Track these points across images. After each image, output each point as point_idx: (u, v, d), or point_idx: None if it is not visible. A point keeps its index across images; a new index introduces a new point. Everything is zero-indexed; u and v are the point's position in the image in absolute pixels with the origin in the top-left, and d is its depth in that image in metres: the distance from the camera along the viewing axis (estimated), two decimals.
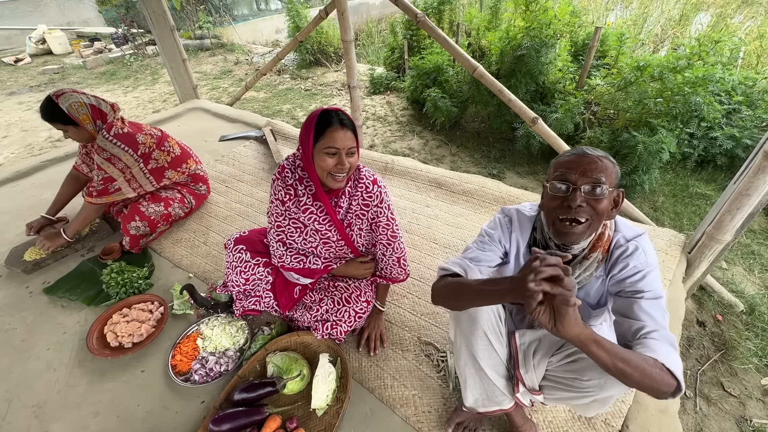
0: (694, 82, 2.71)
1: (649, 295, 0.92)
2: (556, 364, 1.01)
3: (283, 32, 8.47)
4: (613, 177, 0.93)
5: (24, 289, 1.89)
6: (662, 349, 0.83)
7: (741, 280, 2.33)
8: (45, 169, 2.92)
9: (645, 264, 0.95)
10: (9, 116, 5.20)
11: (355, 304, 1.50)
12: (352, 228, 1.42)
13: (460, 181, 2.49)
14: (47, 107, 1.77)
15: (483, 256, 1.11)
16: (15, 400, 1.43)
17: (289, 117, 4.82)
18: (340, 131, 1.18)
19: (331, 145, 1.18)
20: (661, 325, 0.89)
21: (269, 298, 1.57)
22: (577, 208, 0.91)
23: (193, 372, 1.44)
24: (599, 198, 0.90)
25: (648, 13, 6.16)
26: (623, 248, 0.98)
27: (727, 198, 1.66)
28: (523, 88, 3.46)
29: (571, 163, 0.94)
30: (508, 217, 1.14)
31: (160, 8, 3.49)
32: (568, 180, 0.93)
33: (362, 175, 1.38)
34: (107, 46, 7.88)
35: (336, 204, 1.37)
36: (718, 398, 1.75)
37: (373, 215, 1.39)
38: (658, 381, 0.80)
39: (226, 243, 1.60)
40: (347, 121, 1.21)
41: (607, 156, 0.95)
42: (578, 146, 0.99)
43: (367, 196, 1.37)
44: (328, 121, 1.19)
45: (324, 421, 1.29)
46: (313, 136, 1.20)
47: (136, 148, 1.93)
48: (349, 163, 1.23)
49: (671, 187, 3.14)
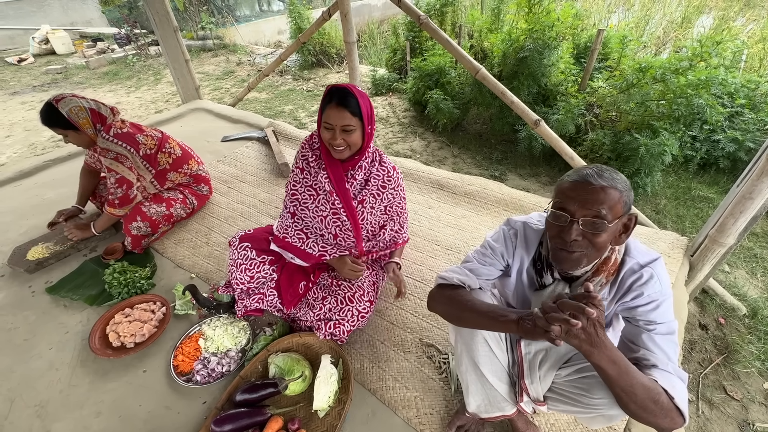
0: (696, 84, 2.71)
1: (662, 329, 0.89)
2: (564, 378, 0.99)
3: (285, 33, 8.49)
4: (620, 207, 0.86)
5: (27, 289, 1.90)
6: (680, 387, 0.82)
7: (744, 283, 2.33)
8: (48, 169, 2.93)
9: (659, 293, 0.91)
10: (12, 116, 5.21)
11: (358, 304, 1.50)
12: (365, 205, 1.48)
13: (462, 183, 2.49)
14: (47, 112, 1.78)
15: (483, 269, 1.10)
16: (17, 400, 1.43)
17: (291, 118, 4.83)
18: (335, 109, 1.26)
19: (327, 121, 1.29)
20: (673, 360, 0.87)
21: (273, 296, 1.58)
22: (572, 242, 0.87)
23: (195, 372, 1.44)
24: (597, 233, 0.85)
25: (650, 15, 6.16)
26: (637, 275, 0.92)
27: (730, 201, 1.66)
28: (526, 90, 3.46)
29: (571, 191, 0.88)
30: (513, 230, 1.10)
31: (164, 9, 3.50)
32: (567, 210, 0.87)
33: (384, 161, 1.52)
34: (110, 47, 7.90)
35: (351, 176, 1.45)
36: (721, 402, 1.74)
37: (390, 197, 1.53)
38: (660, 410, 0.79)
39: (230, 241, 1.61)
40: (350, 101, 1.26)
41: (614, 183, 0.86)
42: (587, 168, 0.90)
43: (387, 180, 1.50)
44: (329, 98, 1.28)
45: (326, 423, 1.29)
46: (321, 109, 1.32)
47: (137, 148, 1.94)
48: (345, 140, 1.30)
49: (673, 190, 3.14)
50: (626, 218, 0.89)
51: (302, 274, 1.60)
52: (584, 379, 0.94)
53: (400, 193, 1.56)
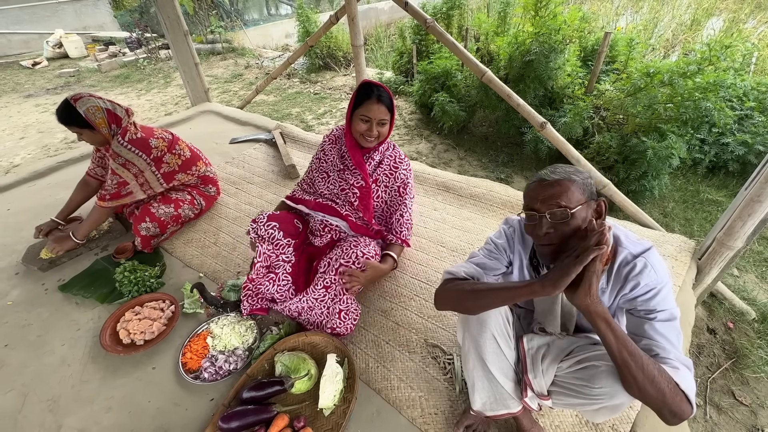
0: (704, 87, 2.69)
1: (663, 316, 0.91)
2: (565, 370, 1.00)
3: (292, 37, 8.57)
4: (579, 194, 0.94)
5: (40, 287, 1.94)
6: (683, 372, 0.83)
7: (753, 287, 2.30)
8: (61, 170, 3.00)
9: (655, 281, 0.92)
10: (26, 118, 5.33)
11: (364, 248, 1.62)
12: (378, 184, 1.70)
13: (468, 185, 2.50)
14: (65, 110, 1.82)
15: (490, 263, 1.13)
16: (30, 394, 1.46)
17: (298, 120, 4.87)
18: (375, 104, 1.46)
19: (365, 114, 1.48)
20: (677, 348, 0.88)
21: (286, 281, 1.65)
22: (544, 235, 0.95)
23: (203, 370, 1.46)
24: (564, 221, 0.92)
25: (659, 18, 6.13)
26: (631, 266, 0.94)
27: (739, 204, 1.64)
28: (532, 93, 3.46)
29: (533, 192, 0.98)
30: (512, 228, 1.17)
31: (175, 13, 3.57)
32: (533, 209, 0.97)
33: (397, 150, 1.74)
34: (121, 50, 8.05)
35: (369, 157, 1.68)
36: (729, 407, 1.72)
37: (401, 178, 1.71)
38: (665, 393, 0.79)
39: (256, 218, 1.67)
40: (385, 96, 1.48)
41: (567, 175, 0.95)
42: (544, 169, 1.01)
43: (399, 161, 1.71)
44: (368, 93, 1.46)
45: (331, 421, 1.30)
46: (353, 103, 1.50)
47: (149, 153, 1.98)
48: (379, 132, 1.53)
49: (681, 193, 3.11)
50: (594, 204, 0.97)
51: (316, 255, 1.75)
52: (585, 369, 0.96)
53: (409, 176, 1.73)
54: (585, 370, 0.95)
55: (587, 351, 0.99)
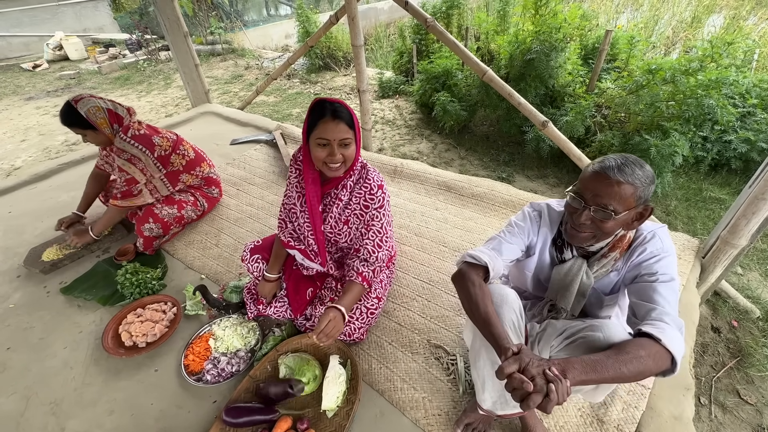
0: (707, 84, 2.68)
1: (664, 278, 0.97)
2: (557, 348, 1.04)
3: (292, 37, 8.57)
4: (632, 200, 0.93)
5: (42, 289, 1.94)
6: (669, 331, 0.87)
7: (757, 285, 2.29)
8: (62, 172, 2.99)
9: (661, 249, 1.01)
10: (27, 120, 5.33)
11: (366, 301, 1.52)
12: (350, 225, 1.43)
13: (470, 185, 2.49)
14: (66, 112, 1.82)
15: (505, 248, 1.15)
16: (33, 398, 1.46)
17: (298, 121, 4.87)
18: (331, 123, 1.18)
19: (322, 136, 1.20)
20: (673, 308, 0.93)
21: (283, 303, 1.60)
22: (581, 224, 0.98)
23: (205, 372, 1.46)
24: (604, 221, 0.95)
25: (659, 15, 6.11)
26: (642, 236, 1.04)
27: (742, 202, 1.63)
28: (533, 92, 3.44)
29: (589, 181, 0.97)
30: (537, 211, 1.20)
31: (174, 15, 3.56)
32: (582, 196, 0.98)
33: (370, 177, 1.39)
34: (121, 52, 8.05)
35: (336, 196, 1.39)
36: (734, 406, 1.71)
37: (369, 218, 1.41)
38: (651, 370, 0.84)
39: (242, 256, 1.64)
40: (342, 112, 1.20)
41: (632, 179, 0.92)
42: (611, 159, 0.96)
43: (369, 198, 1.38)
44: (321, 112, 1.19)
45: (334, 423, 1.30)
46: (307, 126, 1.23)
47: (152, 150, 1.98)
48: (343, 155, 1.23)
49: (684, 191, 3.10)
50: (641, 208, 0.98)
51: (308, 281, 1.60)
52: (573, 343, 0.99)
53: (382, 219, 1.42)
54: (574, 344, 0.99)
55: (577, 328, 1.02)
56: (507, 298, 1.08)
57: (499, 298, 1.08)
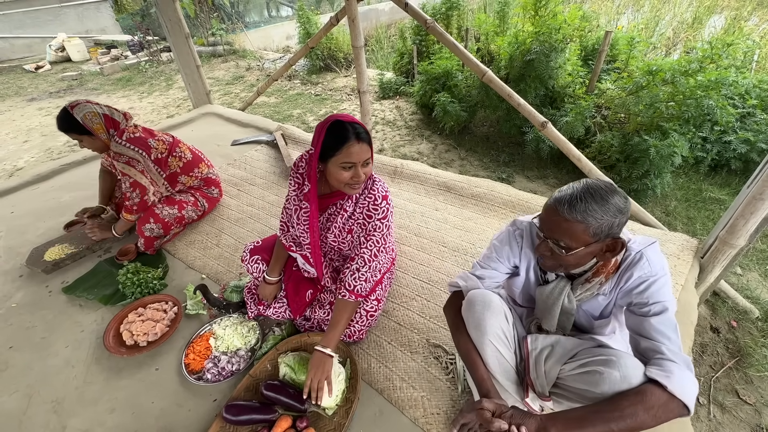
0: (706, 85, 2.69)
1: (656, 309, 0.92)
2: (568, 372, 1.00)
3: (293, 38, 8.60)
4: (586, 237, 0.90)
5: (44, 289, 1.95)
6: (678, 373, 0.84)
7: (756, 285, 2.29)
8: (64, 173, 3.01)
9: (649, 273, 0.95)
10: (29, 121, 5.36)
11: (365, 304, 1.52)
12: (353, 234, 1.44)
13: (469, 185, 2.50)
14: (63, 118, 1.84)
15: (488, 274, 1.17)
16: (35, 396, 1.47)
17: (299, 122, 4.88)
18: (356, 145, 1.18)
19: (348, 161, 1.19)
20: (675, 341, 0.90)
21: (282, 304, 1.61)
22: (542, 255, 0.99)
23: (206, 371, 1.47)
24: (560, 255, 0.94)
25: (660, 16, 6.11)
26: (630, 258, 0.99)
27: (741, 202, 1.64)
28: (533, 93, 3.45)
29: (545, 213, 0.97)
30: (519, 230, 1.15)
31: (176, 16, 3.58)
32: (541, 228, 0.99)
33: (375, 187, 1.39)
34: (123, 53, 8.09)
35: (341, 206, 1.40)
36: (733, 406, 1.72)
37: (371, 228, 1.40)
38: (659, 419, 0.82)
39: (242, 257, 1.65)
40: (363, 133, 1.20)
41: (583, 216, 0.88)
42: (567, 193, 0.92)
43: (373, 208, 1.38)
44: (345, 136, 1.17)
45: (333, 422, 1.30)
46: (323, 145, 1.20)
47: (149, 152, 1.99)
48: (364, 173, 1.25)
49: (684, 192, 3.10)
50: (609, 241, 0.93)
51: (308, 283, 1.61)
52: (588, 374, 0.95)
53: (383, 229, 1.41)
54: (588, 375, 0.95)
55: (591, 355, 0.98)
56: (491, 305, 1.09)
57: (481, 306, 1.09)
